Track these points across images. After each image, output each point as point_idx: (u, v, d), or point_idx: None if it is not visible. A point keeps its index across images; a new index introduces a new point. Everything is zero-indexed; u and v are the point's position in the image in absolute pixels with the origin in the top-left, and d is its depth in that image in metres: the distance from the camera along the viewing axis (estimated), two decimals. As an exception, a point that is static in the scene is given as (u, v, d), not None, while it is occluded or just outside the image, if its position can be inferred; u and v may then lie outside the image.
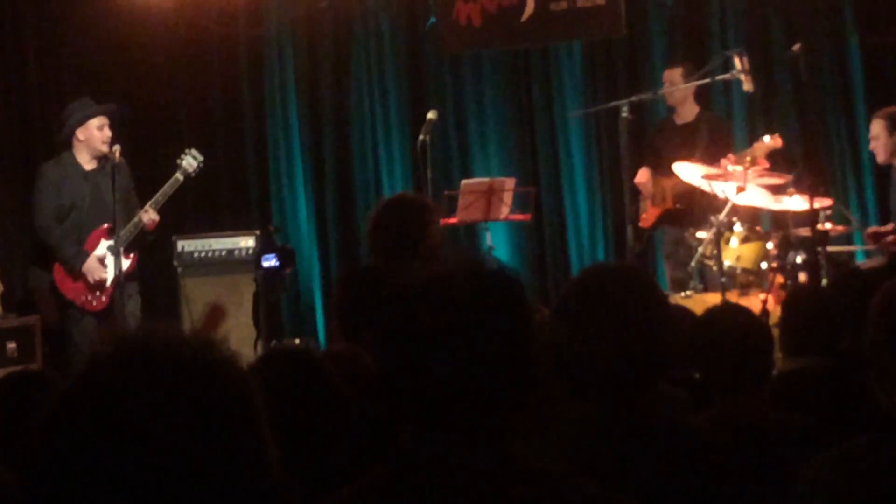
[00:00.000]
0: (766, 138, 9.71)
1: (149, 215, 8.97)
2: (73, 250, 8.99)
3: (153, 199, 9.05)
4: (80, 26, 11.87)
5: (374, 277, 6.17)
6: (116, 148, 8.98)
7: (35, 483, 1.59)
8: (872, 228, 9.65)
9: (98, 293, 8.97)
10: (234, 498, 1.60)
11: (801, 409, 4.30)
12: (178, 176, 9.23)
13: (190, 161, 9.34)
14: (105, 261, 8.94)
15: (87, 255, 8.98)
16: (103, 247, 8.94)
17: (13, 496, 2.82)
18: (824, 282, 8.31)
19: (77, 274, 8.99)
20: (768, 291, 8.74)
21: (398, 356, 2.17)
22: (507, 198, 10.40)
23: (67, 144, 9.21)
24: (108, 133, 9.05)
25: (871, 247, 9.55)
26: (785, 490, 3.28)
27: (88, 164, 9.09)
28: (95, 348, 1.67)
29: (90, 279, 8.95)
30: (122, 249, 8.92)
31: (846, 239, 10.52)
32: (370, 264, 6.50)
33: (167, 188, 9.13)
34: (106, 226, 8.98)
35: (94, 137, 9.06)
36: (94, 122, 9.09)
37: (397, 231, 6.13)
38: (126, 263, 8.98)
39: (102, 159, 9.04)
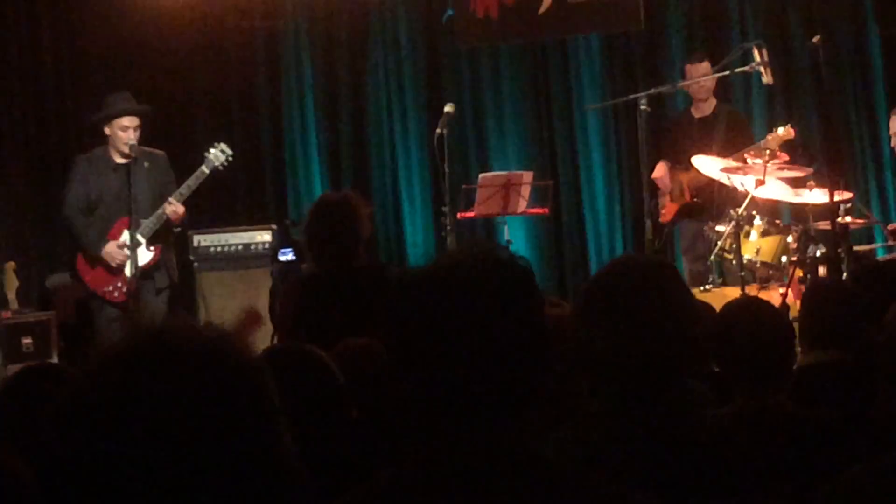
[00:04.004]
0: (780, 129, 9.67)
1: (172, 207, 8.93)
2: (94, 238, 8.98)
3: (177, 192, 9.00)
4: (96, 20, 11.87)
5: (321, 284, 6.29)
6: (133, 144, 8.95)
7: (50, 475, 1.58)
8: (893, 225, 9.62)
9: (119, 284, 8.95)
10: (251, 489, 1.59)
11: (820, 402, 4.27)
12: (204, 168, 9.15)
13: (217, 154, 9.24)
14: (125, 248, 8.92)
15: (107, 242, 8.97)
16: (125, 237, 8.92)
17: (29, 488, 2.81)
18: (844, 276, 8.26)
19: (97, 261, 8.97)
20: (788, 285, 8.69)
21: (409, 346, 2.14)
22: (525, 191, 10.38)
23: (104, 137, 9.17)
24: (131, 135, 8.95)
25: (892, 243, 9.51)
26: (806, 485, 3.25)
27: (119, 157, 9.06)
28: (114, 341, 1.65)
29: (111, 263, 8.93)
30: (144, 242, 8.92)
31: (866, 233, 10.48)
32: (316, 272, 6.59)
33: (192, 181, 9.06)
34: (128, 218, 8.95)
35: (116, 137, 9.01)
36: (120, 122, 9.02)
37: (333, 236, 6.23)
38: (149, 256, 8.97)
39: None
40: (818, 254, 9.09)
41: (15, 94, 11.66)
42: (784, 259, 9.28)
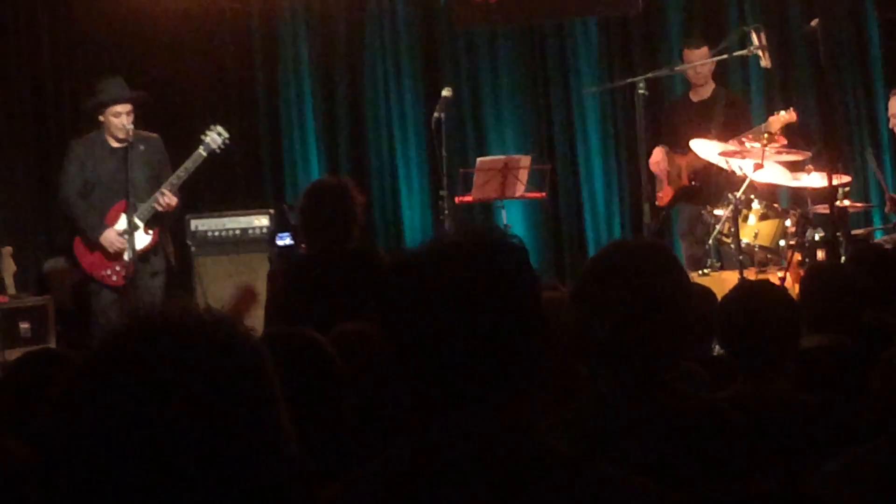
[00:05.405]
0: (781, 112, 9.67)
1: (166, 199, 8.89)
2: (93, 222, 8.97)
3: (175, 174, 8.96)
4: (93, 4, 11.83)
5: (313, 266, 6.28)
6: (130, 128, 8.93)
7: (49, 457, 1.58)
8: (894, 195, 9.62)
9: (117, 268, 8.95)
10: (251, 473, 1.58)
11: (819, 385, 4.27)
12: (202, 151, 9.11)
13: (214, 137, 9.19)
14: (124, 234, 8.90)
15: (106, 227, 8.96)
16: (123, 221, 8.91)
17: (29, 471, 2.81)
18: (843, 259, 8.26)
19: (95, 245, 8.97)
20: (786, 269, 8.69)
21: (403, 329, 2.12)
22: (523, 175, 10.37)
23: (97, 121, 9.15)
24: (125, 122, 8.91)
25: (889, 211, 9.52)
26: (805, 469, 3.25)
27: (115, 141, 9.04)
28: (114, 324, 1.65)
29: (109, 250, 8.93)
30: (142, 225, 8.91)
31: (865, 217, 10.47)
32: (307, 255, 6.57)
33: (189, 164, 9.02)
34: (125, 201, 8.93)
35: (111, 123, 8.99)
36: (113, 109, 8.99)
37: (328, 218, 6.21)
38: (147, 239, 8.97)
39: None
40: (816, 237, 9.09)
41: (12, 78, 11.62)
42: (782, 243, 9.27)
